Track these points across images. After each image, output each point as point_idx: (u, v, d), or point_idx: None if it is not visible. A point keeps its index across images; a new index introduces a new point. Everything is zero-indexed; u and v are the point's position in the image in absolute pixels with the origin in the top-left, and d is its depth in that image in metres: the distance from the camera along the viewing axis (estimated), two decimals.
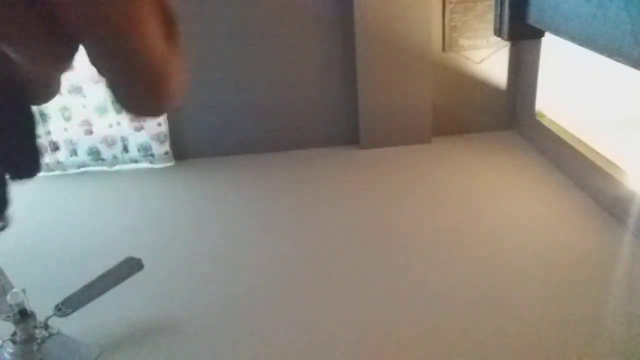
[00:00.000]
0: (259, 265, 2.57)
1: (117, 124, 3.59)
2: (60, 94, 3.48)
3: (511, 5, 2.95)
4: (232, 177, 3.47)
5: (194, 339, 2.14)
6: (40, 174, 3.84)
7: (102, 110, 3.57)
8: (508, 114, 3.73)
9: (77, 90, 3.50)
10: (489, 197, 2.98)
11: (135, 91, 0.62)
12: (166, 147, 3.65)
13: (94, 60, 0.58)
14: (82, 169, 3.70)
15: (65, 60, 0.62)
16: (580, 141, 3.01)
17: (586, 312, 2.10)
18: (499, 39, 3.19)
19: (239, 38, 3.44)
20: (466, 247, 2.57)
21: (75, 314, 2.01)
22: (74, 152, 3.67)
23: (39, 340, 1.86)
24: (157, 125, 3.58)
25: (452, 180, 3.19)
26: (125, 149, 3.66)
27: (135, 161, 3.70)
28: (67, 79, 3.47)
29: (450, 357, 1.95)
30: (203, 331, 2.17)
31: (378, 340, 2.05)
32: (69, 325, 2.06)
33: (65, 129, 3.60)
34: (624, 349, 1.93)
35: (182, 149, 3.72)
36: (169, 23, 0.62)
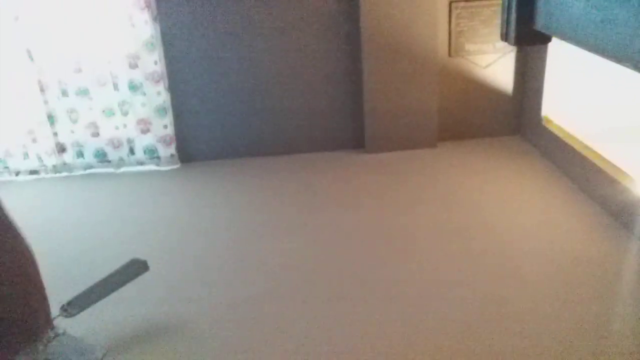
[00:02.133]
0: (265, 268, 2.57)
1: (123, 126, 3.61)
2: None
3: (518, 10, 2.95)
4: (238, 180, 3.48)
5: (199, 340, 2.14)
6: (47, 175, 3.87)
7: (108, 113, 3.58)
8: (514, 119, 3.73)
9: (83, 92, 3.52)
10: (494, 202, 2.98)
11: None
12: (172, 149, 3.66)
13: None
14: (88, 171, 3.72)
15: None
16: (586, 147, 3.01)
17: (591, 318, 2.09)
18: (505, 43, 3.19)
19: (246, 43, 3.45)
20: (471, 251, 2.56)
21: (81, 314, 2.01)
22: (80, 154, 3.69)
23: (44, 341, 1.87)
24: (164, 127, 3.59)
25: (457, 185, 3.19)
26: (132, 151, 3.68)
27: (141, 163, 3.71)
28: (74, 81, 3.49)
29: (454, 358, 1.95)
30: (209, 333, 2.17)
31: (382, 342, 2.05)
32: (75, 326, 2.06)
33: (72, 131, 3.62)
34: (630, 355, 1.92)
35: (188, 152, 3.73)
36: None
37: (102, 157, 3.69)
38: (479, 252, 2.55)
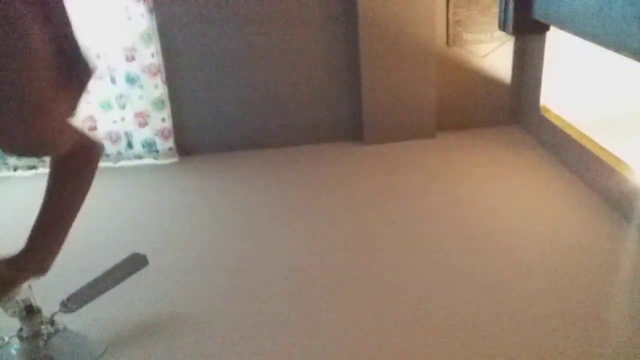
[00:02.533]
0: (264, 261, 2.58)
1: (121, 120, 3.59)
2: None
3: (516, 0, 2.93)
4: (237, 173, 3.48)
5: (199, 334, 2.14)
6: (45, 170, 3.83)
7: (106, 106, 3.57)
8: (512, 108, 3.72)
9: None
10: (493, 192, 2.98)
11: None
12: (170, 143, 3.65)
13: None
14: None
15: None
16: (585, 136, 3.00)
17: (590, 308, 2.10)
18: (503, 32, 3.18)
19: (243, 35, 3.43)
20: (470, 242, 2.57)
21: (81, 310, 2.01)
22: None
23: (45, 337, 1.87)
24: (162, 121, 3.58)
25: (456, 175, 3.19)
26: (130, 145, 3.67)
27: (140, 157, 3.70)
28: None
29: (454, 352, 1.95)
30: (208, 327, 2.18)
31: (382, 336, 2.06)
32: (75, 322, 2.06)
33: None
34: (627, 345, 1.92)
35: (186, 145, 3.72)
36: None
37: None
38: (478, 243, 2.55)
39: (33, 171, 3.71)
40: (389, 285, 2.33)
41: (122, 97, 3.54)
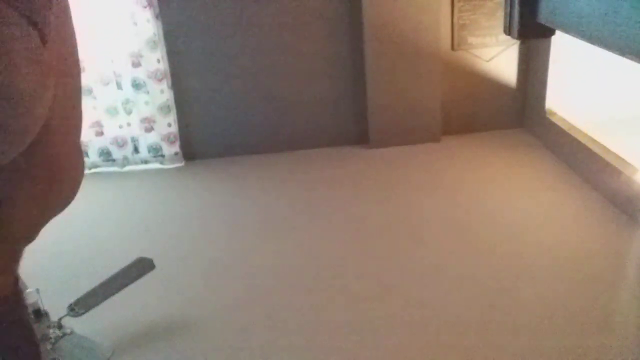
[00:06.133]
0: (270, 265, 2.58)
1: (127, 125, 3.61)
2: None
3: (521, 3, 2.93)
4: (242, 177, 3.48)
5: (205, 338, 2.15)
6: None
7: (112, 112, 3.59)
8: (518, 112, 3.72)
9: (87, 91, 3.52)
10: (499, 196, 2.97)
11: None
12: (176, 147, 3.67)
13: None
14: (93, 170, 3.73)
15: None
16: (591, 138, 3.00)
17: (598, 309, 2.09)
18: (509, 36, 3.17)
19: (249, 39, 3.44)
20: (476, 244, 2.56)
21: (88, 313, 2.02)
22: (85, 154, 3.69)
23: (52, 340, 1.88)
24: (167, 126, 3.60)
25: (461, 179, 3.18)
26: (136, 149, 3.68)
27: (146, 162, 3.71)
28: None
29: (462, 352, 1.95)
30: (215, 330, 2.18)
31: (387, 336, 2.05)
32: (82, 325, 2.07)
33: None
34: (637, 345, 1.91)
35: (192, 150, 3.73)
36: None
37: (106, 156, 3.69)
38: (484, 246, 2.55)
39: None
40: (394, 289, 2.33)
41: (128, 103, 3.56)
